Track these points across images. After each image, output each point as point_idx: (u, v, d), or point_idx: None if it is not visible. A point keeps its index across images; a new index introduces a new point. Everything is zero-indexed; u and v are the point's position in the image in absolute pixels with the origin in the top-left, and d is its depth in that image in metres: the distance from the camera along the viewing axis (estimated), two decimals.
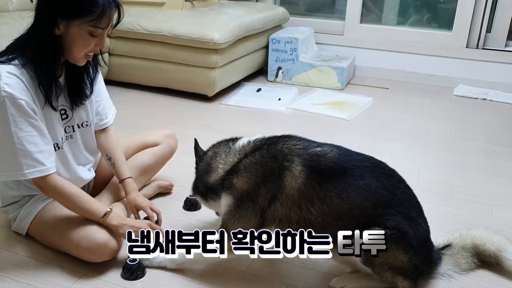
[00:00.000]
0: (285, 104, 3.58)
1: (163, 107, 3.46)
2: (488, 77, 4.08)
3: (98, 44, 1.60)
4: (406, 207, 1.56)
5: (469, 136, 3.13)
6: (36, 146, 1.57)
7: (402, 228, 1.51)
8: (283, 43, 4.06)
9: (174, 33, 3.44)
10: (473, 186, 2.44)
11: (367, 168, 1.58)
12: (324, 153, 1.60)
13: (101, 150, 1.95)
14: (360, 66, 4.40)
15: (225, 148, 1.73)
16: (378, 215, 1.52)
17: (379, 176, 1.58)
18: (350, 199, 1.53)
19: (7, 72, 1.52)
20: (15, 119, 1.52)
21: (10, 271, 1.67)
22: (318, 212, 1.53)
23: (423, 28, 4.37)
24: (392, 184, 1.59)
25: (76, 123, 1.80)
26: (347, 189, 1.53)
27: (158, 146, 2.16)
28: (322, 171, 1.56)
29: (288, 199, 1.55)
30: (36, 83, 1.58)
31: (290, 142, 1.65)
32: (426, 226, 1.62)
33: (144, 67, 3.65)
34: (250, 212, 1.57)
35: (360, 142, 2.93)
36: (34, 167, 1.57)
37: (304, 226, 1.54)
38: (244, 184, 1.59)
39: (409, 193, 1.63)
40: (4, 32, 2.77)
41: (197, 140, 1.87)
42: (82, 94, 1.75)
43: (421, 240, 1.57)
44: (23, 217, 1.78)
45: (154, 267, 1.70)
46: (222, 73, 3.57)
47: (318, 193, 1.53)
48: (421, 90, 4.11)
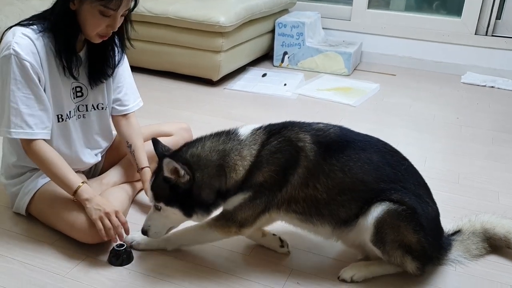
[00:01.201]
0: (291, 90, 3.55)
1: (167, 91, 3.44)
2: (496, 65, 4.03)
3: (110, 26, 1.60)
4: (411, 183, 1.55)
5: (477, 123, 3.10)
6: (29, 108, 1.60)
7: (410, 203, 1.49)
8: (289, 27, 4.01)
9: (179, 15, 3.40)
10: (480, 173, 2.42)
11: (369, 143, 1.59)
12: (327, 128, 1.60)
13: (121, 136, 1.95)
14: (367, 52, 4.36)
15: (232, 144, 1.54)
16: (382, 190, 1.51)
17: (381, 151, 1.58)
18: (352, 172, 1.52)
19: (21, 33, 1.58)
20: (16, 77, 1.56)
21: (13, 252, 1.67)
22: (324, 188, 1.52)
23: (431, 14, 4.31)
24: (395, 160, 1.58)
25: (90, 103, 1.81)
26: (349, 162, 1.52)
27: (171, 136, 2.14)
28: (327, 145, 1.54)
29: (300, 178, 1.52)
30: (52, 51, 1.62)
31: (297, 124, 1.62)
32: (435, 206, 1.60)
33: (149, 50, 3.62)
34: (264, 200, 1.54)
35: (366, 129, 2.87)
36: (21, 128, 1.60)
37: (310, 204, 1.54)
38: (266, 177, 1.52)
39: (414, 171, 1.61)
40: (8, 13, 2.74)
41: (158, 142, 1.65)
42: (103, 73, 1.77)
43: (430, 220, 1.55)
44: (23, 194, 1.78)
45: (154, 249, 1.69)
46: (228, 57, 3.54)
47: (323, 168, 1.52)
48: (428, 77, 4.06)
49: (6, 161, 1.82)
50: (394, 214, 1.48)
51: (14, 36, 1.57)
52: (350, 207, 1.53)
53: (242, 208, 1.56)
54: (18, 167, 1.79)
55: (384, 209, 1.48)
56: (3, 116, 1.61)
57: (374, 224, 1.49)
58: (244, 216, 1.56)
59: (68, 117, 1.74)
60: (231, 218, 1.58)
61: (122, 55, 1.83)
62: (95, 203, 1.63)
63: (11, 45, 1.55)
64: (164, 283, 1.56)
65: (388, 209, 1.48)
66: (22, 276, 1.56)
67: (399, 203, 1.49)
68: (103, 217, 1.60)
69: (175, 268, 1.63)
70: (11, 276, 1.56)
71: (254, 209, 1.55)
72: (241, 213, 1.56)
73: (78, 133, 1.81)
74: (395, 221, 1.48)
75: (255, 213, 1.56)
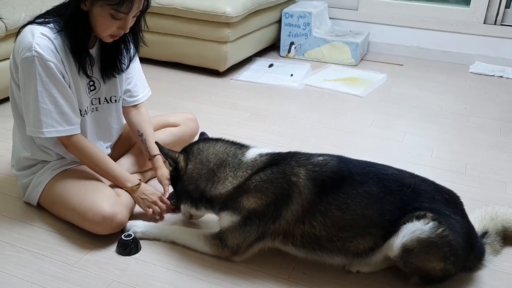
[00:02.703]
0: (298, 80, 3.54)
1: (174, 82, 3.44)
2: (505, 54, 3.99)
3: (121, 28, 1.60)
4: (425, 201, 1.47)
5: (484, 113, 3.08)
6: (58, 107, 1.63)
7: (431, 227, 1.42)
8: (296, 17, 3.99)
9: (186, 6, 3.39)
10: (488, 163, 2.41)
11: (367, 175, 1.52)
12: (325, 162, 1.55)
13: (132, 126, 1.97)
14: (374, 42, 4.33)
15: (234, 159, 1.60)
16: (389, 222, 1.47)
17: (382, 180, 1.50)
18: (351, 210, 1.48)
19: (40, 33, 1.58)
20: (42, 78, 1.58)
21: (23, 242, 1.69)
22: (321, 226, 1.50)
23: (439, 3, 4.27)
24: (399, 185, 1.50)
25: (103, 96, 1.83)
26: (346, 199, 1.48)
27: (178, 127, 2.15)
28: (322, 183, 1.50)
29: (293, 215, 1.51)
30: (69, 49, 1.63)
31: (297, 155, 1.60)
32: (457, 217, 1.49)
33: (155, 41, 3.61)
34: (255, 229, 1.54)
35: (373, 119, 2.89)
36: (53, 127, 1.63)
37: (309, 240, 1.52)
38: (254, 204, 1.52)
39: (425, 187, 1.53)
40: (15, 4, 2.75)
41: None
42: (116, 68, 1.78)
43: (458, 235, 1.44)
44: (34, 186, 1.80)
45: (150, 239, 1.72)
46: (234, 48, 3.53)
47: (319, 207, 1.49)
48: (436, 67, 4.03)
49: (17, 154, 1.84)
50: (422, 241, 1.42)
51: (34, 36, 1.57)
52: (357, 241, 1.50)
53: (232, 232, 1.57)
54: (30, 160, 1.81)
55: (405, 239, 1.43)
56: (29, 116, 1.63)
57: (400, 250, 1.45)
58: (236, 242, 1.57)
59: (86, 113, 1.77)
60: (224, 242, 1.59)
61: (135, 52, 1.85)
62: (140, 192, 1.78)
63: (33, 47, 1.55)
64: (171, 273, 1.58)
65: (411, 237, 1.42)
66: (32, 265, 1.58)
67: (418, 228, 1.43)
68: (152, 205, 1.78)
69: (182, 257, 1.65)
70: (21, 265, 1.58)
71: (245, 237, 1.56)
72: (232, 237, 1.57)
73: (92, 126, 1.84)
74: (423, 249, 1.43)
75: (247, 241, 1.56)
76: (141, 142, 1.95)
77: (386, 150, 2.50)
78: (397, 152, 2.50)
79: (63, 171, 1.79)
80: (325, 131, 2.72)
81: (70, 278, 1.53)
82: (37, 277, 1.53)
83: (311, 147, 2.44)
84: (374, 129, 2.77)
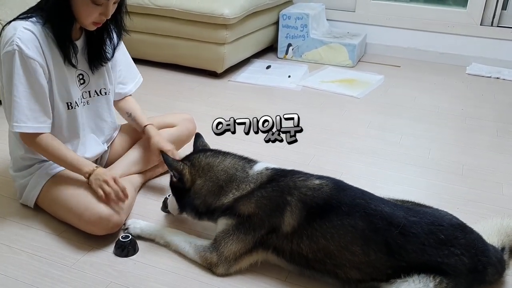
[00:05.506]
0: (295, 81, 3.54)
1: (172, 83, 3.44)
2: (502, 56, 4.00)
3: (103, 14, 1.63)
4: (420, 242, 1.40)
5: (481, 115, 3.09)
6: (31, 103, 1.63)
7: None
8: (293, 19, 4.00)
9: (184, 8, 3.40)
10: (484, 165, 2.42)
11: (355, 207, 1.47)
12: (319, 187, 1.53)
13: (121, 111, 2.03)
14: (371, 44, 4.34)
15: (242, 174, 1.62)
16: (374, 267, 1.42)
17: (369, 216, 1.45)
18: (335, 240, 1.45)
19: (23, 27, 1.59)
20: (19, 72, 1.59)
21: (21, 243, 1.69)
22: (308, 249, 1.49)
23: (436, 5, 4.28)
24: (386, 224, 1.43)
25: (93, 89, 1.85)
26: (330, 229, 1.46)
27: (175, 127, 2.16)
28: (310, 208, 1.50)
29: (283, 233, 1.52)
30: (54, 42, 1.64)
31: (296, 175, 1.60)
32: (461, 250, 1.41)
33: (153, 42, 3.62)
34: (249, 238, 1.54)
35: (370, 120, 2.90)
36: (24, 123, 1.63)
37: (297, 258, 1.52)
38: (250, 213, 1.54)
39: (419, 219, 1.44)
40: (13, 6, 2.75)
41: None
42: (101, 57, 1.80)
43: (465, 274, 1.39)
44: (32, 186, 1.80)
45: (145, 238, 1.72)
46: (232, 49, 3.53)
47: (306, 231, 1.49)
48: (433, 68, 4.04)
49: (14, 155, 1.84)
50: None
51: (16, 30, 1.58)
52: (346, 271, 1.46)
53: (226, 236, 1.56)
54: (26, 159, 1.81)
55: None
56: (11, 111, 1.64)
57: None
58: (227, 247, 1.55)
59: (76, 105, 1.78)
60: (216, 247, 1.58)
61: (119, 40, 1.87)
62: (94, 174, 1.69)
63: (14, 41, 1.57)
64: (169, 274, 1.58)
65: None
66: (30, 266, 1.58)
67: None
68: (102, 184, 1.67)
69: (180, 259, 1.65)
70: (19, 267, 1.58)
71: (237, 244, 1.55)
72: (225, 242, 1.56)
73: (84, 119, 1.84)
74: None
75: (238, 250, 1.55)
76: (131, 120, 2.02)
77: (383, 152, 2.51)
78: (394, 154, 2.50)
79: (61, 172, 1.79)
80: (322, 132, 2.72)
81: (68, 280, 1.53)
82: (35, 279, 1.53)
83: (307, 149, 2.45)
84: (371, 131, 2.78)
